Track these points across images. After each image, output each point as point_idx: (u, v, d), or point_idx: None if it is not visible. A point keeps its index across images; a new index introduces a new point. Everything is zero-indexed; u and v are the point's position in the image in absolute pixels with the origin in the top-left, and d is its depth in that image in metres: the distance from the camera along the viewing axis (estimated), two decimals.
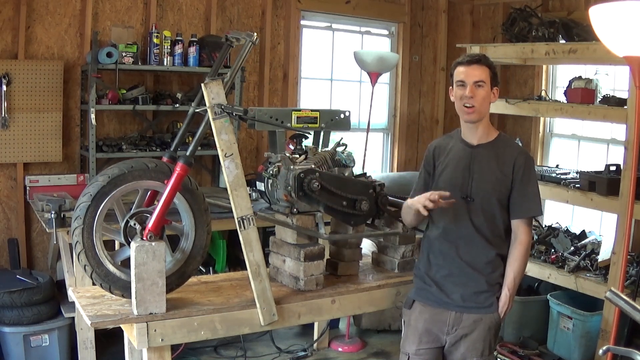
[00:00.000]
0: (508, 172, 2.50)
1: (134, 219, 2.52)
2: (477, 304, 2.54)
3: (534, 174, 2.55)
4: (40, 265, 4.49)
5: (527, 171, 2.51)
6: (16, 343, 3.75)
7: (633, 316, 1.81)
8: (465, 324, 2.55)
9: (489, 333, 2.55)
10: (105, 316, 2.45)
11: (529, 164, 2.52)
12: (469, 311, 2.55)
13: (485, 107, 2.52)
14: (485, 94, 2.49)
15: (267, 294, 2.63)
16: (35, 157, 4.34)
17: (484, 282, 2.53)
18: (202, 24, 4.94)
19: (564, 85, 4.61)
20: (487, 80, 2.49)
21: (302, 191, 2.70)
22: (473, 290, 2.54)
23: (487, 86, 2.49)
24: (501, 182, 2.50)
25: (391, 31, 5.98)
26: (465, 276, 2.54)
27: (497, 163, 2.52)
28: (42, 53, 4.38)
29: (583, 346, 4.09)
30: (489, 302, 2.54)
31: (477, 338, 2.54)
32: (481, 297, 2.54)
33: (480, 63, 2.50)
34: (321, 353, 4.51)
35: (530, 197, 2.50)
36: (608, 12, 2.84)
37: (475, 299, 2.54)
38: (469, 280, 2.54)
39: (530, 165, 2.53)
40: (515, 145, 2.64)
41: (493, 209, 2.51)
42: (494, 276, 2.54)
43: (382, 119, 6.05)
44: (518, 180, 2.49)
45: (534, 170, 2.57)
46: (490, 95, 2.52)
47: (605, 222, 4.68)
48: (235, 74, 2.61)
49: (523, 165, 2.50)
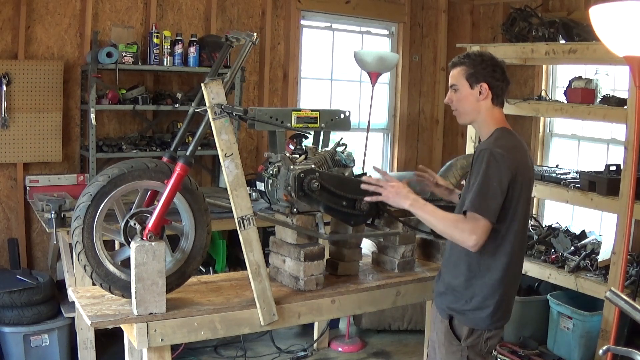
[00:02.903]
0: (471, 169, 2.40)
1: (134, 219, 2.52)
2: (440, 303, 2.50)
3: (486, 169, 2.25)
4: (40, 265, 4.49)
5: (478, 164, 2.29)
6: (16, 343, 3.75)
7: (633, 316, 1.81)
8: (437, 321, 2.52)
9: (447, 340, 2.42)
10: (105, 316, 2.45)
11: (481, 157, 2.28)
12: (437, 308, 2.53)
13: (466, 108, 2.42)
14: (461, 96, 2.41)
15: (267, 294, 2.63)
16: (35, 157, 4.34)
17: (445, 284, 2.47)
18: (202, 24, 4.94)
19: (564, 85, 4.60)
20: (460, 81, 2.40)
21: (302, 191, 2.70)
22: (443, 288, 2.49)
23: (462, 87, 2.40)
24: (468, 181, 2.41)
25: (391, 31, 5.98)
26: (444, 272, 2.52)
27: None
28: (42, 53, 4.38)
29: (583, 346, 4.10)
30: (442, 305, 2.47)
31: (439, 341, 2.48)
32: (444, 298, 2.47)
33: (456, 66, 2.43)
34: (321, 353, 4.51)
35: (473, 191, 2.26)
36: (608, 12, 2.84)
37: (440, 297, 2.50)
38: (444, 277, 2.51)
39: (482, 158, 2.27)
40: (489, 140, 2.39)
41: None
42: (454, 282, 2.42)
43: (382, 119, 6.05)
44: (470, 173, 2.37)
45: (488, 166, 2.25)
46: (470, 95, 2.39)
47: (605, 222, 4.68)
48: (235, 74, 2.61)
49: (476, 158, 2.32)
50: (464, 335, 2.39)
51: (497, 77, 2.41)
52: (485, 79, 2.39)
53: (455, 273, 2.42)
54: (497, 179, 2.24)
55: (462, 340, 2.39)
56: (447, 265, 2.51)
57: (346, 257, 3.06)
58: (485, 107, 2.42)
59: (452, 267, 2.45)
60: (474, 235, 2.22)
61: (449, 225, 2.30)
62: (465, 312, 2.39)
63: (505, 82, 2.44)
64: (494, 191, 2.23)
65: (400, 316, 4.77)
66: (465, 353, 2.39)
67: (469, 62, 2.41)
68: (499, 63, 2.43)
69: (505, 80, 2.44)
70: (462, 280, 2.39)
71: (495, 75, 2.40)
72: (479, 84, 2.39)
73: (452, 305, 2.43)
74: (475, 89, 2.39)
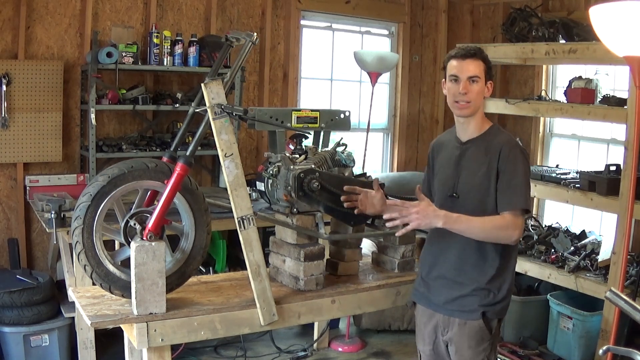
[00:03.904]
0: (494, 164, 2.38)
1: (134, 219, 2.52)
2: (461, 307, 2.43)
3: (521, 165, 2.36)
4: (40, 265, 4.49)
5: (512, 161, 2.34)
6: (16, 343, 3.75)
7: (633, 316, 1.81)
8: (453, 328, 2.46)
9: (475, 340, 2.41)
10: (105, 316, 2.45)
11: (514, 153, 2.36)
12: (454, 315, 2.46)
13: (478, 102, 2.44)
14: (480, 89, 2.42)
15: (267, 294, 2.63)
16: (35, 157, 4.34)
17: (468, 286, 2.42)
18: (202, 24, 4.94)
19: (564, 85, 4.61)
20: (481, 75, 2.41)
21: (302, 191, 2.70)
22: (458, 293, 2.44)
23: (481, 81, 2.42)
24: (489, 175, 2.39)
25: (391, 31, 5.98)
26: (451, 278, 2.46)
27: (485, 155, 2.41)
28: (42, 53, 4.38)
29: (583, 346, 4.09)
30: (471, 307, 2.42)
31: (462, 345, 2.44)
32: (465, 300, 2.42)
33: (474, 57, 2.41)
34: (321, 353, 4.51)
35: (513, 189, 2.33)
36: (608, 12, 2.84)
37: (459, 303, 2.44)
38: (455, 283, 2.45)
39: (516, 155, 2.36)
40: (504, 136, 2.45)
41: (481, 204, 2.38)
42: (480, 280, 2.41)
43: (382, 119, 6.05)
44: (502, 171, 2.36)
45: (522, 161, 2.37)
46: (482, 90, 2.43)
47: (605, 222, 4.68)
48: (235, 74, 2.61)
49: (507, 156, 2.35)
50: (494, 328, 2.44)
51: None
52: (492, 78, 2.48)
53: (480, 272, 2.42)
54: (529, 173, 2.42)
55: (493, 333, 2.44)
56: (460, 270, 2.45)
57: (346, 257, 3.06)
58: (483, 104, 2.50)
59: (472, 269, 2.42)
60: (517, 231, 2.32)
61: (490, 227, 2.33)
62: (496, 304, 2.43)
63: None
64: (529, 185, 2.39)
65: (400, 316, 4.77)
66: (494, 344, 2.46)
67: (486, 58, 2.46)
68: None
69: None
70: (491, 275, 2.41)
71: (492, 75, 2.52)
72: (489, 82, 2.46)
73: (482, 302, 2.42)
74: (487, 85, 2.46)
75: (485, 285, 2.42)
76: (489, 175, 2.38)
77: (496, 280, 2.42)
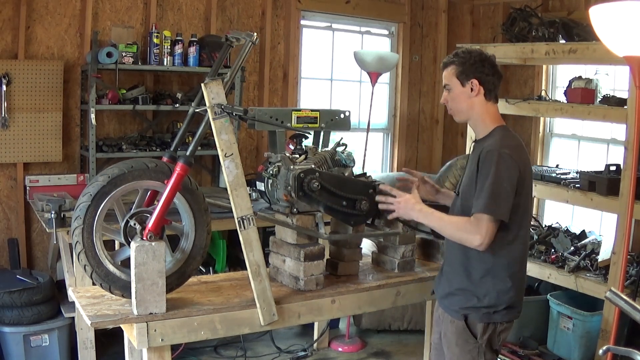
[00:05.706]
0: (475, 167, 2.37)
1: (134, 219, 2.52)
2: (450, 305, 2.49)
3: (494, 169, 2.28)
4: (40, 265, 4.49)
5: (487, 165, 2.30)
6: (16, 343, 3.75)
7: (633, 316, 1.81)
8: (446, 322, 2.50)
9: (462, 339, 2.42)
10: (105, 316, 2.45)
11: (489, 157, 2.30)
12: (446, 310, 2.51)
13: (460, 106, 2.45)
14: (454, 95, 2.44)
15: (267, 294, 2.63)
16: (35, 157, 4.34)
17: (454, 285, 2.47)
18: (202, 24, 4.94)
19: (564, 85, 4.60)
20: (451, 80, 2.43)
21: (302, 191, 2.70)
22: (448, 290, 2.50)
23: (455, 86, 2.43)
24: (473, 178, 2.38)
25: (391, 31, 5.98)
26: (446, 274, 2.53)
27: (476, 157, 2.40)
28: (42, 53, 4.38)
29: (583, 346, 4.09)
30: (455, 307, 2.45)
31: (451, 341, 2.47)
32: (452, 299, 2.47)
33: (445, 66, 2.46)
34: (321, 353, 4.51)
35: (479, 193, 2.30)
36: (608, 12, 2.84)
37: (449, 300, 2.49)
38: (447, 279, 2.52)
39: (491, 159, 2.29)
40: (493, 140, 2.39)
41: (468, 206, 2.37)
42: (464, 282, 2.42)
43: (382, 119, 6.05)
44: (478, 174, 2.35)
45: (495, 166, 2.28)
46: (462, 94, 2.42)
47: (605, 222, 4.68)
48: (235, 74, 2.61)
49: (484, 159, 2.31)
50: (479, 332, 2.41)
51: (486, 71, 2.43)
52: (474, 75, 2.42)
53: (465, 273, 2.43)
54: (507, 179, 2.29)
55: (478, 338, 2.41)
56: (452, 266, 2.50)
57: (346, 257, 3.06)
58: (479, 103, 2.44)
59: (460, 268, 2.44)
60: (477, 235, 2.28)
61: (454, 228, 2.37)
62: (480, 309, 2.40)
63: (496, 76, 2.46)
64: (505, 191, 2.28)
65: (400, 316, 4.78)
66: (482, 350, 2.42)
67: (457, 60, 2.44)
68: (487, 57, 2.45)
69: (497, 74, 2.46)
70: (475, 278, 2.40)
71: (484, 70, 2.43)
72: (470, 81, 2.42)
73: (464, 304, 2.42)
74: (467, 86, 2.42)
75: (469, 287, 2.42)
76: (473, 177, 2.39)
77: (481, 285, 2.40)
